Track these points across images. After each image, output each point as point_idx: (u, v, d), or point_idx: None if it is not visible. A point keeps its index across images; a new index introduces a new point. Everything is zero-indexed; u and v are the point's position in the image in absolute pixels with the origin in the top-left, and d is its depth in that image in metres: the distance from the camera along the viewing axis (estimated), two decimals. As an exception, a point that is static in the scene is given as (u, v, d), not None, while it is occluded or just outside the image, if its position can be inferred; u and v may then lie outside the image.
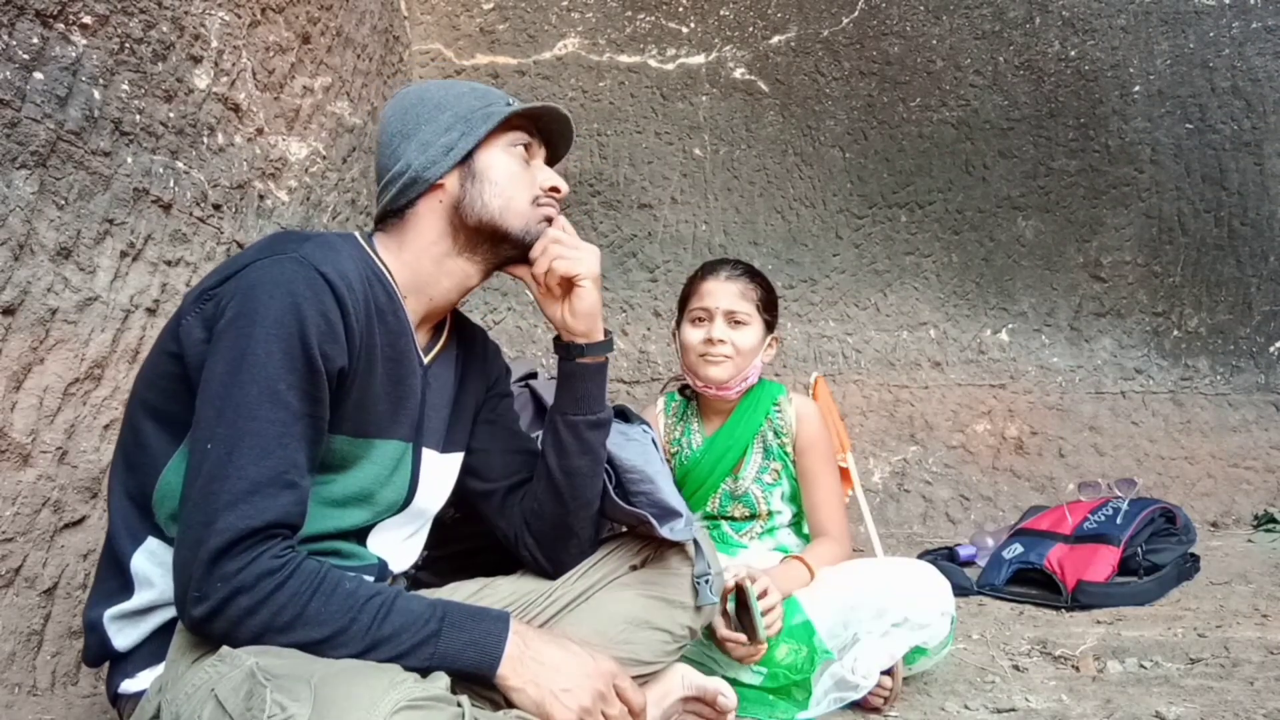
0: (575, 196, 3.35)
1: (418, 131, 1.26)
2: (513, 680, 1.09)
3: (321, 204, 2.44)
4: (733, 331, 1.84)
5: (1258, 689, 1.68)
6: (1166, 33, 3.37)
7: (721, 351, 1.83)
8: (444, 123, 1.27)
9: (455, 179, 1.26)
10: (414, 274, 1.27)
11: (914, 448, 3.28)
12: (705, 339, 1.84)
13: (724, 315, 1.85)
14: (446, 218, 1.27)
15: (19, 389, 1.43)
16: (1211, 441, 3.26)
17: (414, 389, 1.27)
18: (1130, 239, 3.36)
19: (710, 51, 3.41)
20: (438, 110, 1.27)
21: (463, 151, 1.26)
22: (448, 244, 1.27)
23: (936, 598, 1.63)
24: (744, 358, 1.85)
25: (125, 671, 1.14)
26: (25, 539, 1.44)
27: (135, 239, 1.66)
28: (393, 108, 1.31)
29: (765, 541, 1.91)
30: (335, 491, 1.19)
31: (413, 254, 1.27)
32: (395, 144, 1.28)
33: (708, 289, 1.88)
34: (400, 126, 1.28)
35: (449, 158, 1.25)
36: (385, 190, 1.28)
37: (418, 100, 1.29)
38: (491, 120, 1.27)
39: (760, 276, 1.92)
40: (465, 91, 1.30)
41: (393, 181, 1.27)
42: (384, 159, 1.29)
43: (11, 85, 1.39)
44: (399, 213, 1.28)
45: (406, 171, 1.26)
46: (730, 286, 1.86)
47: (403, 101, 1.31)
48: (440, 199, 1.26)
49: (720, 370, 1.84)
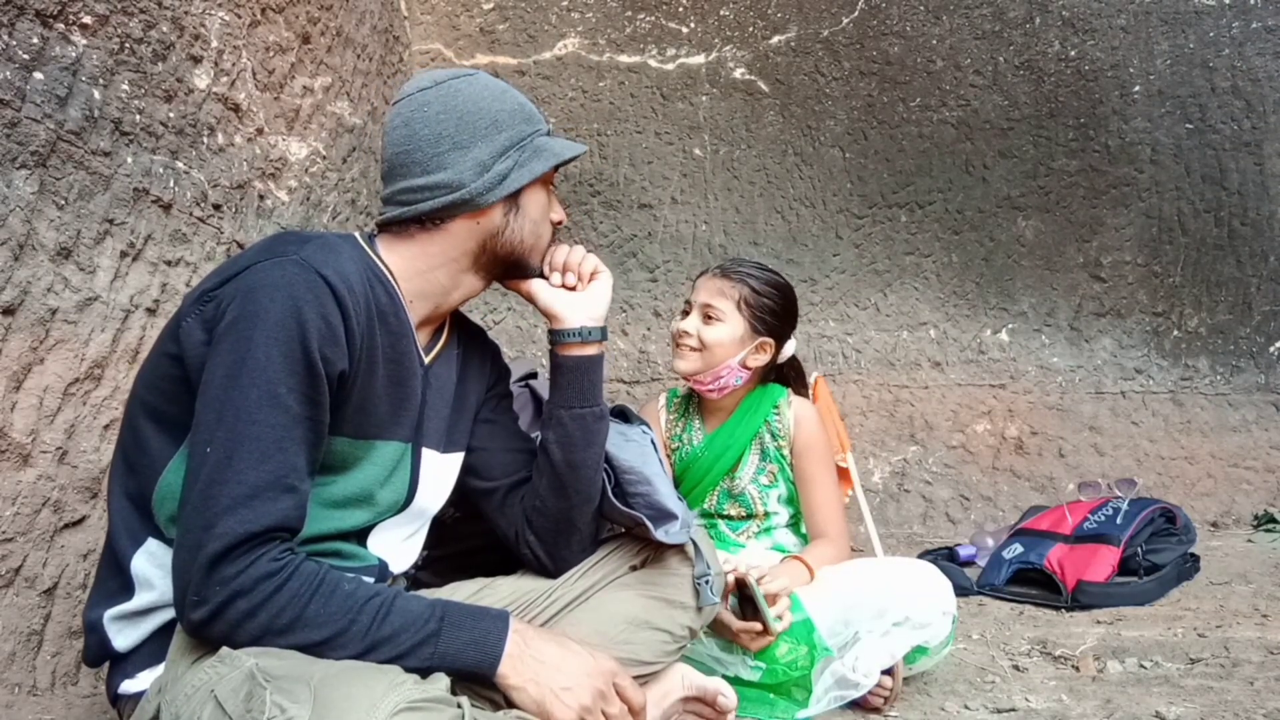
0: (575, 196, 3.35)
1: (472, 146, 1.23)
2: (513, 679, 1.09)
3: (321, 204, 2.44)
4: (704, 326, 1.86)
5: (1258, 689, 1.68)
6: (1166, 33, 3.37)
7: (687, 344, 1.86)
8: (500, 145, 1.24)
9: (500, 209, 1.26)
10: (425, 283, 1.26)
11: (914, 448, 3.28)
12: (677, 329, 1.89)
13: (700, 309, 1.88)
14: (479, 241, 1.27)
15: (19, 389, 1.43)
16: (1211, 441, 3.26)
17: (414, 390, 1.27)
18: (1130, 239, 3.36)
19: (710, 51, 3.41)
20: (494, 129, 1.24)
21: (516, 186, 1.26)
22: (468, 262, 1.28)
23: (937, 597, 1.64)
24: (710, 353, 1.85)
25: (125, 672, 1.14)
26: (25, 539, 1.44)
27: (135, 239, 1.66)
28: (442, 103, 1.24)
29: (762, 541, 1.92)
30: (335, 493, 1.19)
31: (428, 264, 1.26)
32: (444, 150, 1.22)
33: (700, 283, 1.92)
34: (453, 131, 1.23)
35: (503, 188, 1.25)
36: (414, 194, 1.23)
37: (472, 104, 1.24)
38: (546, 162, 1.28)
39: (757, 278, 1.88)
40: (515, 109, 1.28)
41: (429, 190, 1.23)
42: (419, 158, 1.23)
43: (11, 85, 1.39)
44: (424, 223, 1.25)
45: (458, 189, 1.22)
46: (713, 283, 1.89)
47: (454, 100, 1.24)
48: (479, 222, 1.26)
49: (685, 363, 1.87)
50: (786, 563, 1.75)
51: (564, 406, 1.34)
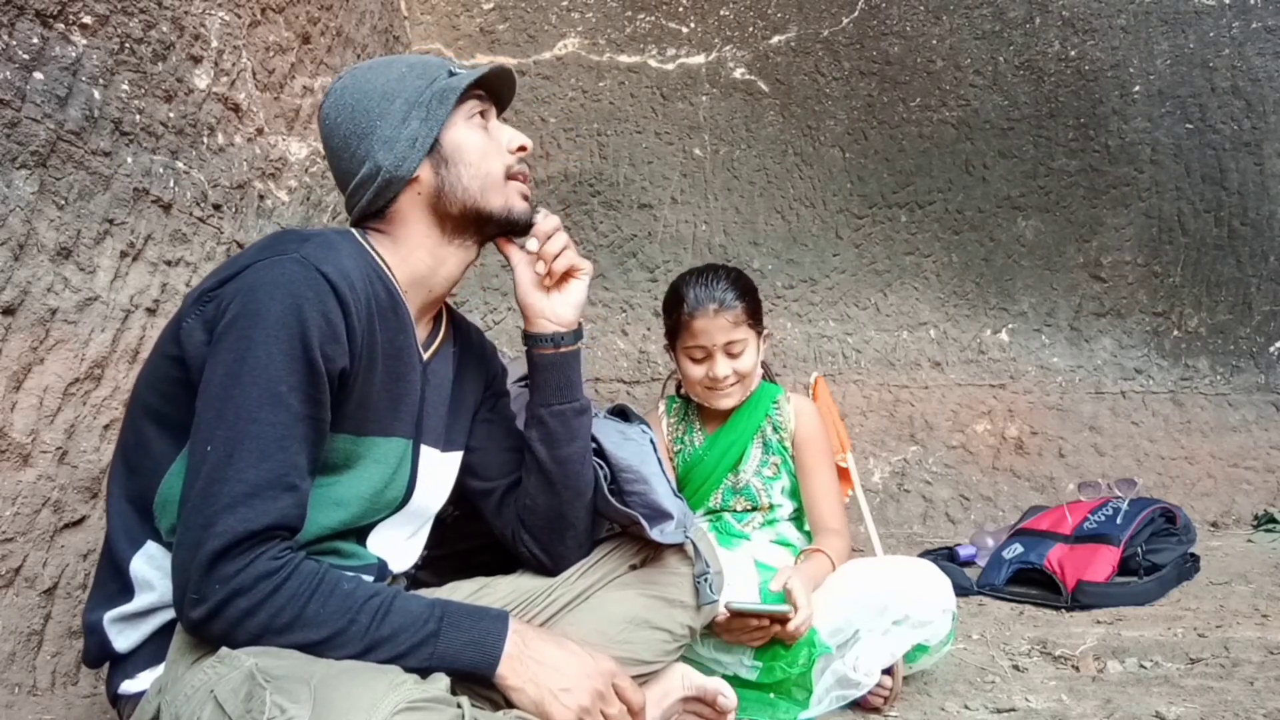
0: (575, 196, 3.35)
1: (374, 128, 1.23)
2: (512, 680, 1.09)
3: (321, 204, 2.44)
4: (734, 361, 1.85)
5: (1258, 689, 1.68)
6: (1166, 33, 3.37)
7: (728, 384, 1.86)
8: (398, 113, 1.23)
9: (428, 169, 1.24)
10: (411, 268, 1.26)
11: (914, 448, 3.28)
12: (709, 376, 1.85)
13: (722, 350, 1.84)
14: (430, 208, 1.26)
15: (19, 389, 1.43)
16: (1211, 441, 3.26)
17: (414, 385, 1.27)
18: (1130, 239, 3.36)
19: (710, 51, 3.41)
20: (386, 100, 1.23)
21: (429, 140, 1.23)
22: (437, 234, 1.27)
23: (938, 595, 1.64)
24: (750, 379, 1.89)
25: (125, 672, 1.14)
26: (25, 539, 1.44)
27: (135, 239, 1.66)
28: (335, 107, 1.26)
29: (766, 532, 1.92)
30: (338, 492, 1.19)
31: (407, 249, 1.26)
32: (353, 146, 1.24)
33: (701, 327, 1.84)
34: (353, 126, 1.24)
35: (416, 150, 1.23)
36: (357, 193, 1.25)
37: (361, 93, 1.24)
38: (448, 101, 1.24)
39: (739, 287, 1.87)
40: (405, 71, 1.26)
41: (364, 184, 1.24)
42: (345, 163, 1.25)
43: (11, 85, 1.39)
44: (380, 213, 1.26)
45: (378, 173, 1.23)
46: (721, 320, 1.82)
47: (344, 98, 1.25)
48: (419, 191, 1.25)
49: (731, 399, 1.89)
50: (810, 557, 1.76)
51: (543, 405, 1.34)
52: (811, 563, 1.73)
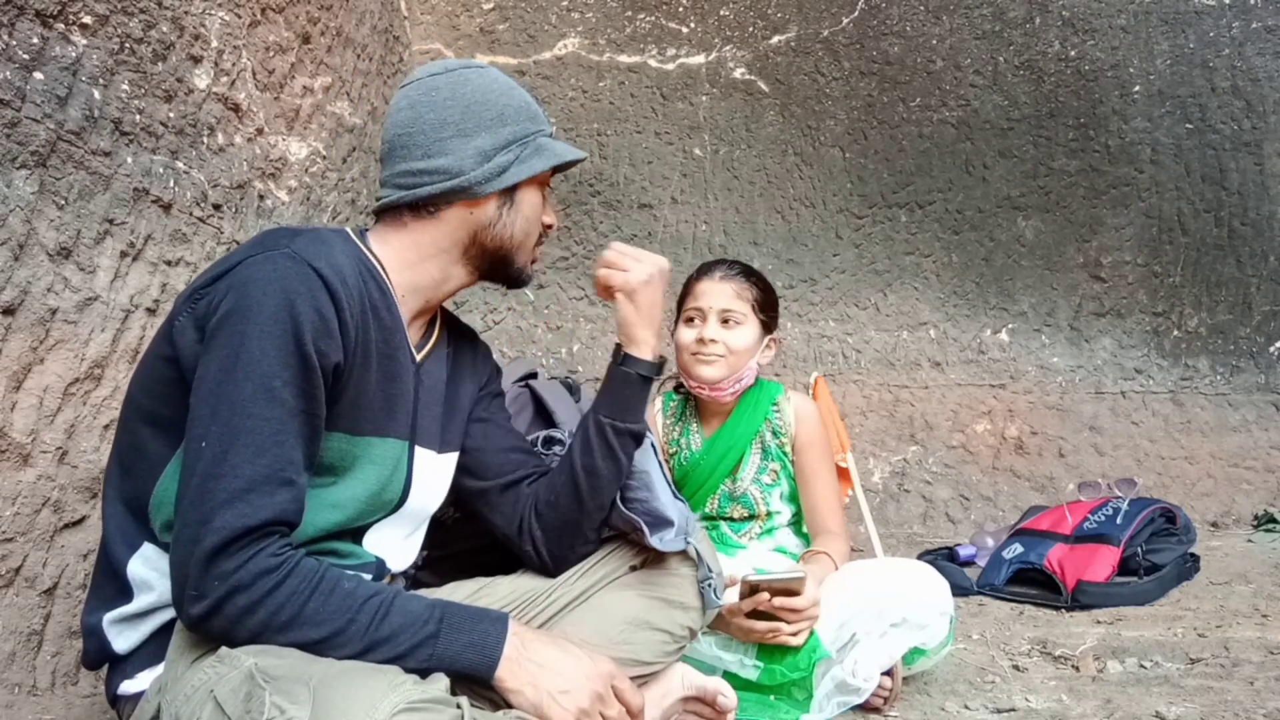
0: (575, 197, 3.35)
1: (475, 135, 1.24)
2: (511, 682, 1.09)
3: (321, 204, 2.44)
4: (726, 331, 1.83)
5: (1258, 689, 1.68)
6: (1166, 33, 3.37)
7: (714, 351, 1.83)
8: (503, 138, 1.26)
9: (495, 201, 1.27)
10: (417, 275, 1.26)
11: (914, 448, 3.28)
12: (697, 338, 1.84)
13: (717, 315, 1.84)
14: (470, 230, 1.27)
15: (19, 389, 1.43)
16: (1211, 441, 3.26)
17: (407, 386, 1.26)
18: (1130, 239, 3.36)
19: (710, 51, 3.41)
20: (498, 121, 1.26)
21: (515, 180, 1.26)
22: (458, 253, 1.28)
23: (935, 598, 1.63)
24: (737, 357, 1.84)
25: (125, 672, 1.14)
26: (25, 539, 1.44)
27: (135, 239, 1.66)
28: (450, 88, 1.26)
29: (764, 542, 1.91)
30: (334, 495, 1.18)
31: (420, 255, 1.26)
32: (446, 136, 1.24)
33: (702, 289, 1.87)
34: (459, 121, 1.24)
35: (501, 180, 1.25)
36: (413, 177, 1.24)
37: (479, 99, 1.26)
38: (547, 161, 1.29)
39: (757, 276, 1.90)
40: (521, 105, 1.29)
41: (431, 175, 1.23)
42: (420, 142, 1.24)
43: (11, 85, 1.39)
44: (419, 210, 1.25)
45: (455, 175, 1.23)
46: (725, 286, 1.85)
47: (462, 89, 1.26)
48: (472, 212, 1.26)
49: (712, 369, 1.84)
50: (814, 558, 1.76)
51: (595, 410, 1.36)
52: (816, 564, 1.73)
